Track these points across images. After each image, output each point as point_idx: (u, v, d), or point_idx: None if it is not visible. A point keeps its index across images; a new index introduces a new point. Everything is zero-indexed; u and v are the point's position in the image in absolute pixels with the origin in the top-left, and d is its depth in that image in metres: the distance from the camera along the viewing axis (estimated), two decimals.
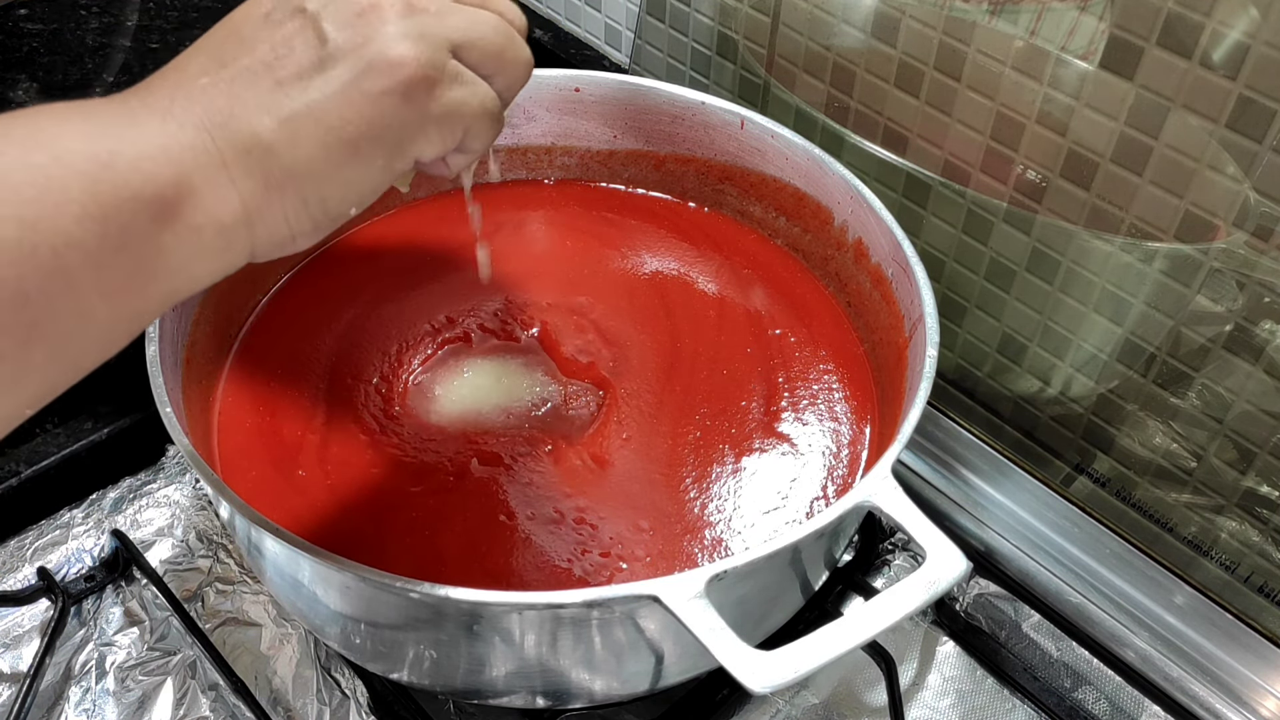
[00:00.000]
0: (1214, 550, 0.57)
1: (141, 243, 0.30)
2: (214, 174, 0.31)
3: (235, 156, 0.32)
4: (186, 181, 0.31)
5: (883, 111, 0.63)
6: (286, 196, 0.33)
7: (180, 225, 0.31)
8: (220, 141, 0.32)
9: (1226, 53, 0.47)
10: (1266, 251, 0.50)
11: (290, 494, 0.49)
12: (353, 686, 0.53)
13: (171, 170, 0.30)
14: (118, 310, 0.30)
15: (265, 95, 0.33)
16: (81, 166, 0.29)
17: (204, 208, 0.31)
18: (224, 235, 0.32)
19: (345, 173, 0.34)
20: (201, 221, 0.31)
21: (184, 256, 0.31)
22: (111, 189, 0.29)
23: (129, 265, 0.30)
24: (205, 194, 0.31)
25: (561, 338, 0.56)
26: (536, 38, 0.89)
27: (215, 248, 0.32)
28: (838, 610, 0.58)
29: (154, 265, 0.31)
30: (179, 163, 0.31)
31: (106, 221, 0.29)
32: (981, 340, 0.64)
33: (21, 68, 0.89)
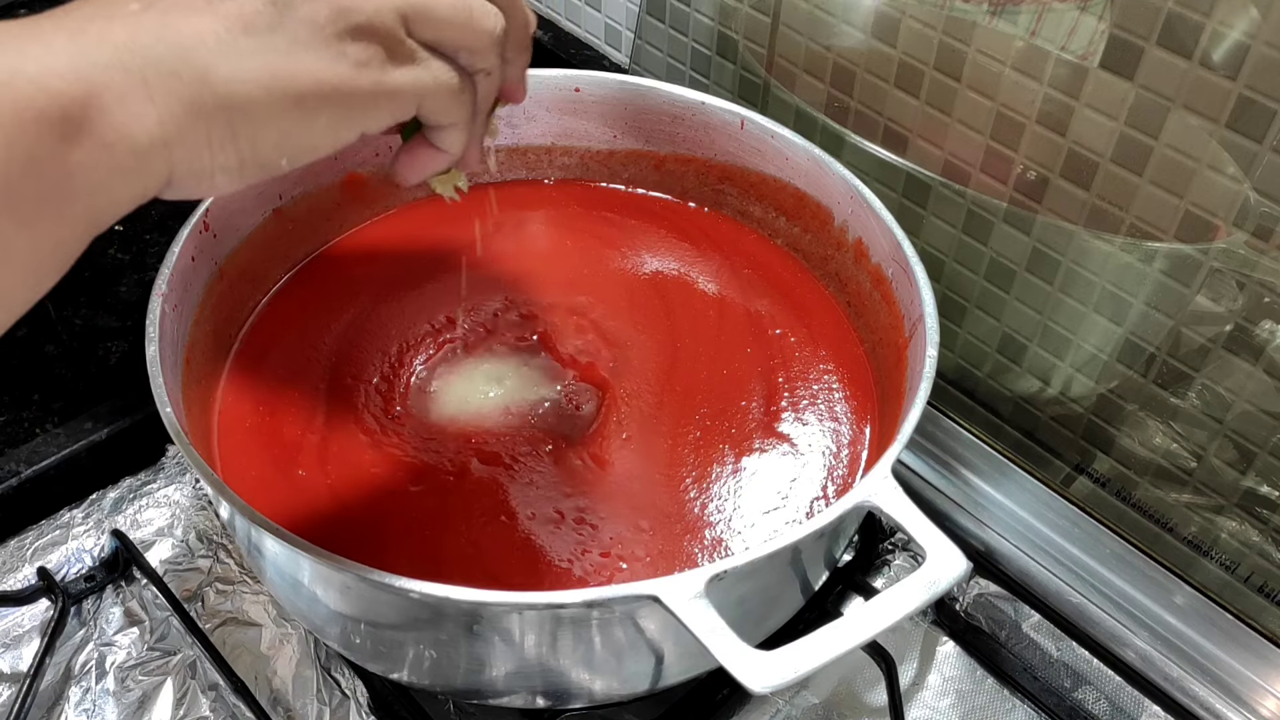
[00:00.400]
0: (1214, 550, 0.57)
1: (50, 163, 0.29)
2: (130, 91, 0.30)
3: (159, 77, 0.31)
4: (96, 98, 0.30)
5: (883, 111, 0.63)
6: (215, 124, 0.32)
7: (90, 143, 0.30)
8: (142, 61, 0.31)
9: (1226, 53, 0.47)
10: (1266, 251, 0.50)
11: (290, 494, 0.49)
12: (353, 686, 0.53)
13: (80, 87, 0.29)
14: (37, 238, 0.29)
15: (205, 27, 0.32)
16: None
17: (115, 125, 0.30)
18: (138, 154, 0.31)
19: (284, 121, 0.33)
20: (113, 139, 0.30)
21: (97, 177, 0.30)
22: (13, 108, 0.28)
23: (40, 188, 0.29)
24: (117, 111, 0.30)
25: (561, 338, 0.56)
26: (536, 38, 0.89)
27: (128, 167, 0.31)
28: (838, 610, 0.58)
29: (67, 187, 0.30)
30: (88, 80, 0.30)
31: (11, 144, 0.28)
32: (981, 340, 0.64)
33: None
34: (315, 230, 0.61)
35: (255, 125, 0.33)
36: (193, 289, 0.52)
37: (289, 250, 0.60)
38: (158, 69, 0.31)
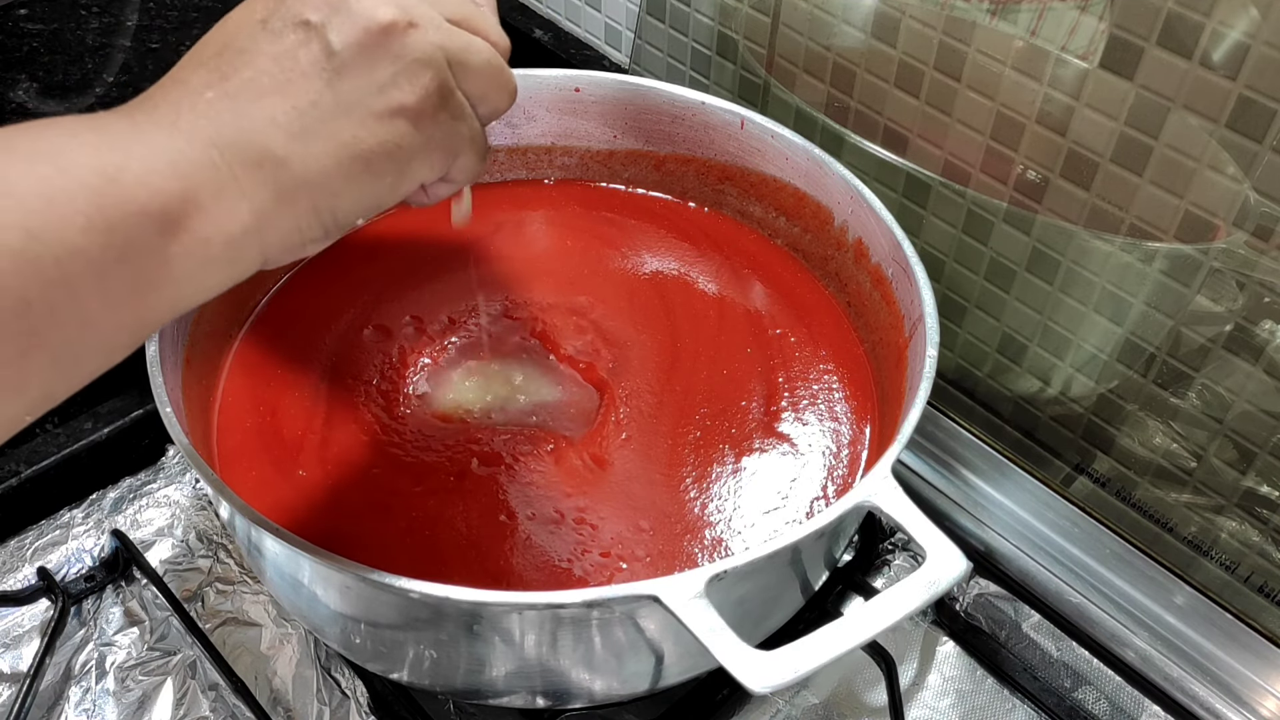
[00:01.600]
0: (1214, 550, 0.57)
1: (146, 254, 0.30)
2: (223, 187, 0.32)
3: (246, 170, 0.32)
4: (194, 196, 0.31)
5: (883, 111, 0.63)
6: (299, 206, 0.34)
7: (187, 238, 0.31)
8: (229, 155, 0.32)
9: (1226, 53, 0.47)
10: (1266, 251, 0.50)
11: (290, 494, 0.49)
12: (353, 686, 0.53)
13: (178, 184, 0.31)
14: (120, 319, 0.31)
15: (275, 110, 0.33)
16: (87, 179, 0.29)
17: (212, 220, 0.31)
18: (233, 246, 0.32)
19: (357, 186, 0.35)
20: (210, 234, 0.31)
21: (190, 267, 0.31)
22: (117, 202, 0.29)
23: (132, 276, 0.30)
24: (213, 208, 0.31)
25: (561, 338, 0.56)
26: (536, 38, 0.89)
27: (224, 259, 0.32)
28: (838, 610, 0.58)
29: (159, 276, 0.31)
30: (186, 177, 0.31)
31: (111, 233, 0.29)
32: (981, 340, 0.64)
33: (21, 68, 0.89)
34: None
35: (334, 197, 0.34)
36: None
37: None
38: (244, 161, 0.32)
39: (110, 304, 0.30)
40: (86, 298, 0.29)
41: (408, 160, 0.36)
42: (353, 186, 0.35)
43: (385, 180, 0.36)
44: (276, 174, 0.33)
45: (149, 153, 0.31)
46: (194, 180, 0.31)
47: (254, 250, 0.33)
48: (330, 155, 0.34)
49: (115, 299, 0.30)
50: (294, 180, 0.33)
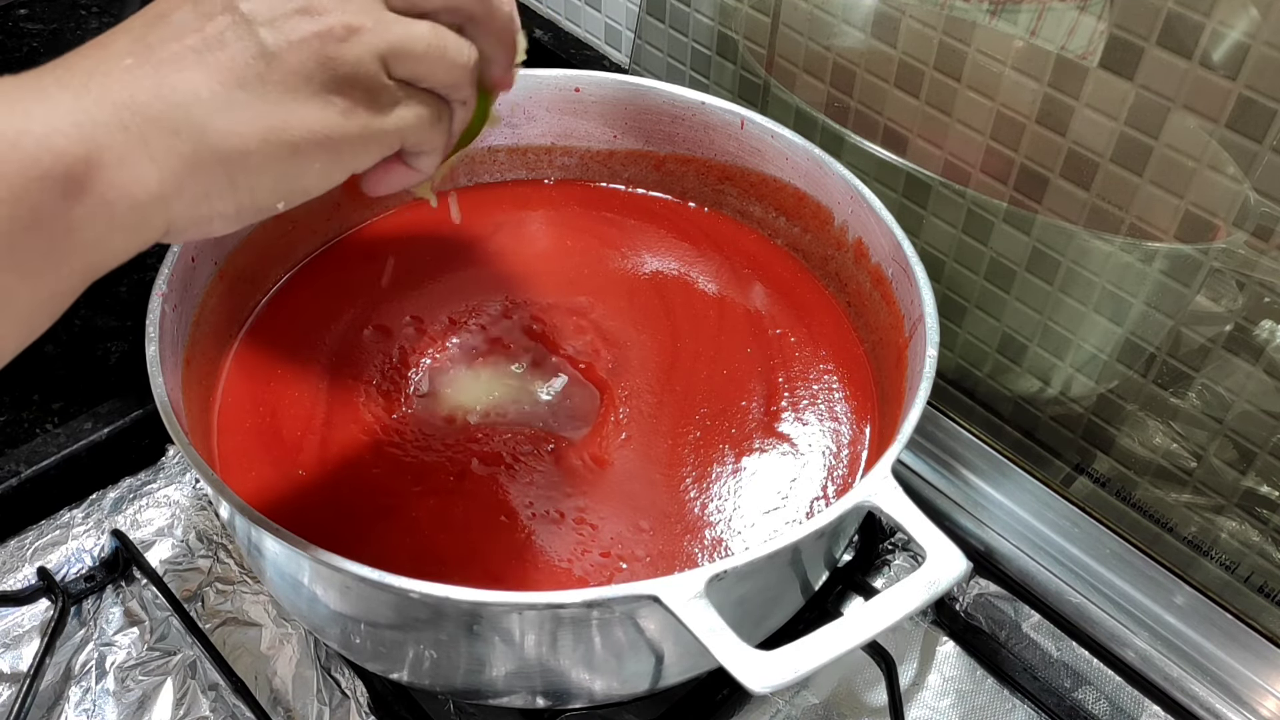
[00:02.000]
0: (1214, 550, 0.57)
1: (53, 220, 0.30)
2: (130, 150, 0.31)
3: (159, 135, 0.32)
4: (98, 156, 0.30)
5: (883, 111, 0.63)
6: (213, 177, 0.33)
7: (92, 200, 0.30)
8: (142, 119, 0.31)
9: (1226, 53, 0.47)
10: (1266, 251, 0.50)
11: (290, 494, 0.49)
12: (353, 686, 0.53)
13: (83, 146, 0.30)
14: (37, 290, 0.30)
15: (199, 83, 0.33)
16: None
17: (116, 182, 0.31)
18: (138, 210, 0.32)
19: (280, 169, 0.34)
20: (114, 196, 0.31)
21: (97, 232, 0.31)
22: (19, 167, 0.29)
23: (43, 243, 0.30)
24: (117, 169, 0.31)
25: (562, 338, 0.56)
26: (536, 38, 0.89)
27: (129, 223, 0.32)
28: (838, 610, 0.58)
29: (68, 242, 0.30)
30: (90, 139, 0.30)
31: (16, 202, 0.29)
32: (981, 340, 0.64)
33: (21, 68, 0.89)
34: (315, 230, 0.61)
35: (252, 175, 0.34)
36: (193, 289, 0.52)
37: (289, 250, 0.60)
38: (157, 127, 0.32)
39: (23, 275, 0.29)
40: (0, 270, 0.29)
41: (337, 150, 0.35)
42: (275, 168, 0.34)
43: (313, 166, 0.35)
44: (194, 143, 0.32)
45: (54, 113, 0.30)
46: (99, 141, 0.30)
47: (159, 217, 0.32)
48: (255, 135, 0.33)
49: (28, 269, 0.29)
50: (211, 151, 0.33)
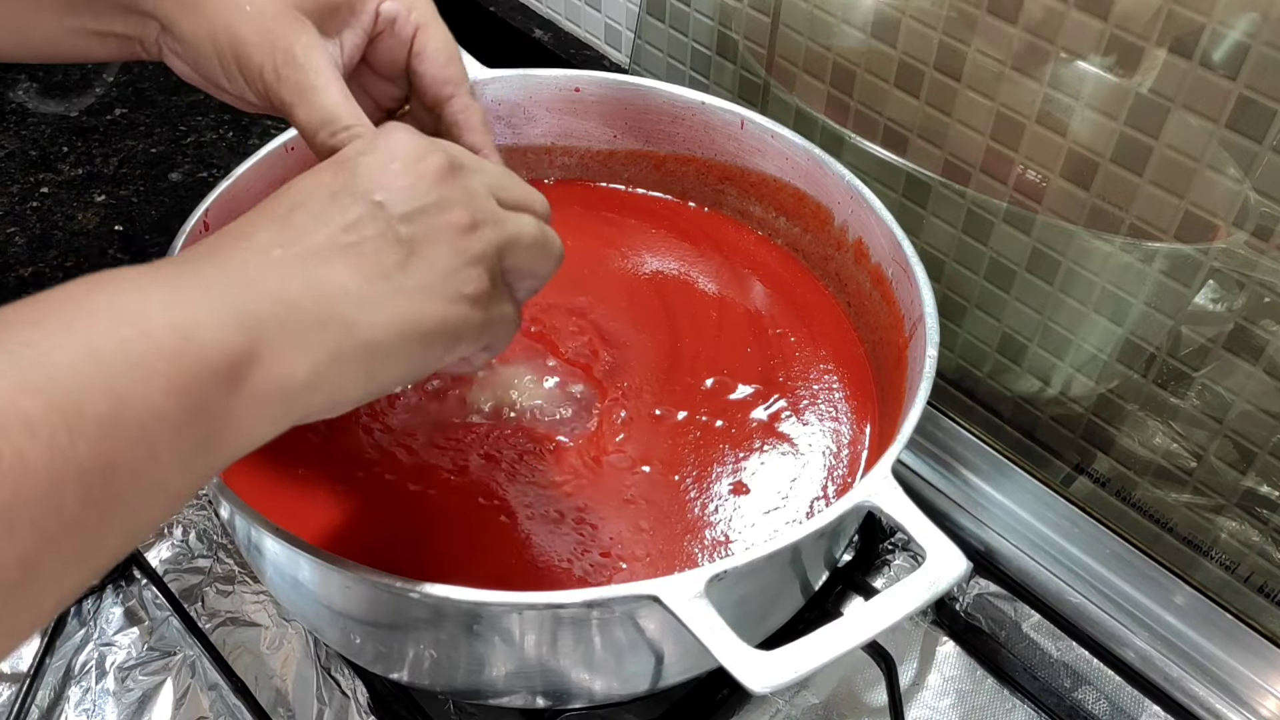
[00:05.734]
0: (1214, 550, 0.57)
1: (216, 410, 0.30)
2: (286, 345, 0.32)
3: (310, 329, 0.33)
4: (259, 352, 0.31)
5: (883, 111, 0.63)
6: (351, 368, 0.34)
7: (249, 393, 0.31)
8: (296, 313, 0.32)
9: (1226, 53, 0.47)
10: (1266, 251, 0.50)
11: (290, 494, 0.49)
12: (353, 686, 0.53)
13: (247, 341, 0.31)
14: (188, 475, 0.31)
15: (344, 278, 0.34)
16: (166, 340, 0.29)
17: (273, 376, 0.32)
18: (287, 402, 0.33)
19: (409, 357, 0.36)
20: (268, 390, 0.32)
21: (249, 422, 0.32)
22: (194, 362, 0.29)
23: (203, 433, 0.30)
24: (275, 363, 0.32)
25: (562, 338, 0.56)
26: (536, 38, 0.89)
27: (276, 414, 0.33)
28: (838, 610, 0.58)
29: (224, 430, 0.31)
30: (253, 334, 0.31)
31: (189, 394, 0.29)
32: (981, 340, 0.64)
33: (21, 67, 0.89)
34: None
35: (386, 365, 0.35)
36: None
37: None
38: (308, 321, 0.33)
39: (181, 462, 0.30)
40: (163, 458, 0.29)
41: (458, 338, 0.37)
42: (406, 357, 0.36)
43: (435, 353, 0.37)
44: (340, 337, 0.33)
45: (219, 309, 0.31)
46: (260, 335, 0.31)
47: (301, 407, 0.33)
48: (394, 328, 0.35)
49: (186, 457, 0.30)
50: (354, 345, 0.34)
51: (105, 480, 0.27)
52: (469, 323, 0.37)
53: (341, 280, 0.34)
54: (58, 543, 0.27)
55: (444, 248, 0.36)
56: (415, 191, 0.36)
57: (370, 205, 0.35)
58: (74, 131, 0.84)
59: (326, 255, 0.34)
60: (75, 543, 0.27)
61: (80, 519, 0.27)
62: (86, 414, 0.27)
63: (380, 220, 0.35)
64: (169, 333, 0.29)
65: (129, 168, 0.81)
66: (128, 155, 0.82)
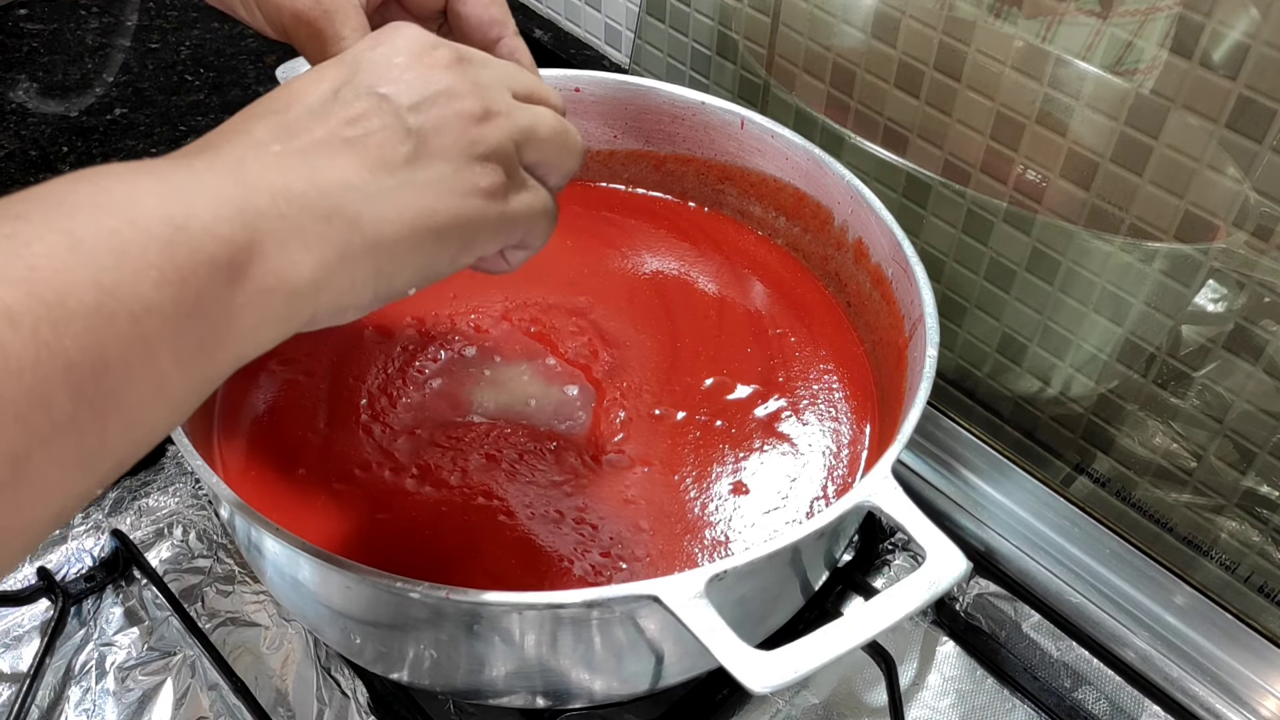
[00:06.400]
0: (1214, 550, 0.57)
1: (215, 306, 0.29)
2: (289, 238, 0.31)
3: (315, 224, 0.31)
4: (260, 245, 0.30)
5: (883, 111, 0.63)
6: (360, 267, 0.33)
7: (252, 288, 0.30)
8: (299, 208, 0.31)
9: (1226, 53, 0.47)
10: (1266, 251, 0.50)
11: (290, 494, 0.49)
12: (353, 686, 0.53)
13: (246, 233, 0.30)
14: (190, 376, 0.30)
15: (348, 170, 0.33)
16: (156, 229, 0.28)
17: (276, 271, 0.31)
18: (292, 299, 0.31)
19: (421, 256, 0.34)
20: (273, 284, 0.31)
21: (253, 320, 0.31)
22: (188, 252, 0.28)
23: (203, 330, 0.29)
24: (277, 258, 0.31)
25: (562, 338, 0.56)
26: (536, 38, 0.89)
27: (281, 312, 0.31)
28: (838, 610, 0.58)
29: (226, 329, 0.30)
30: (253, 226, 0.30)
31: (184, 285, 0.28)
32: (981, 340, 0.64)
33: (21, 68, 0.89)
34: None
35: (396, 263, 0.34)
36: None
37: None
38: (312, 215, 0.31)
39: (181, 360, 0.29)
40: (161, 355, 0.28)
41: (474, 235, 0.36)
42: (418, 255, 0.34)
43: (449, 252, 0.35)
44: (347, 232, 0.32)
45: (215, 200, 0.30)
46: (261, 229, 0.30)
47: (307, 307, 0.32)
48: (404, 222, 0.33)
49: (186, 354, 0.29)
50: (363, 240, 0.33)
51: (97, 376, 0.26)
52: (486, 217, 0.35)
53: (346, 174, 0.32)
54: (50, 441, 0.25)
55: (455, 138, 0.34)
56: (423, 82, 0.34)
57: (375, 98, 0.34)
58: (74, 131, 0.84)
59: (330, 149, 0.33)
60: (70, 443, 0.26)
61: (73, 417, 0.26)
62: (70, 306, 0.25)
63: (386, 112, 0.34)
64: (160, 222, 0.28)
65: None
66: (128, 155, 0.82)
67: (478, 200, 0.35)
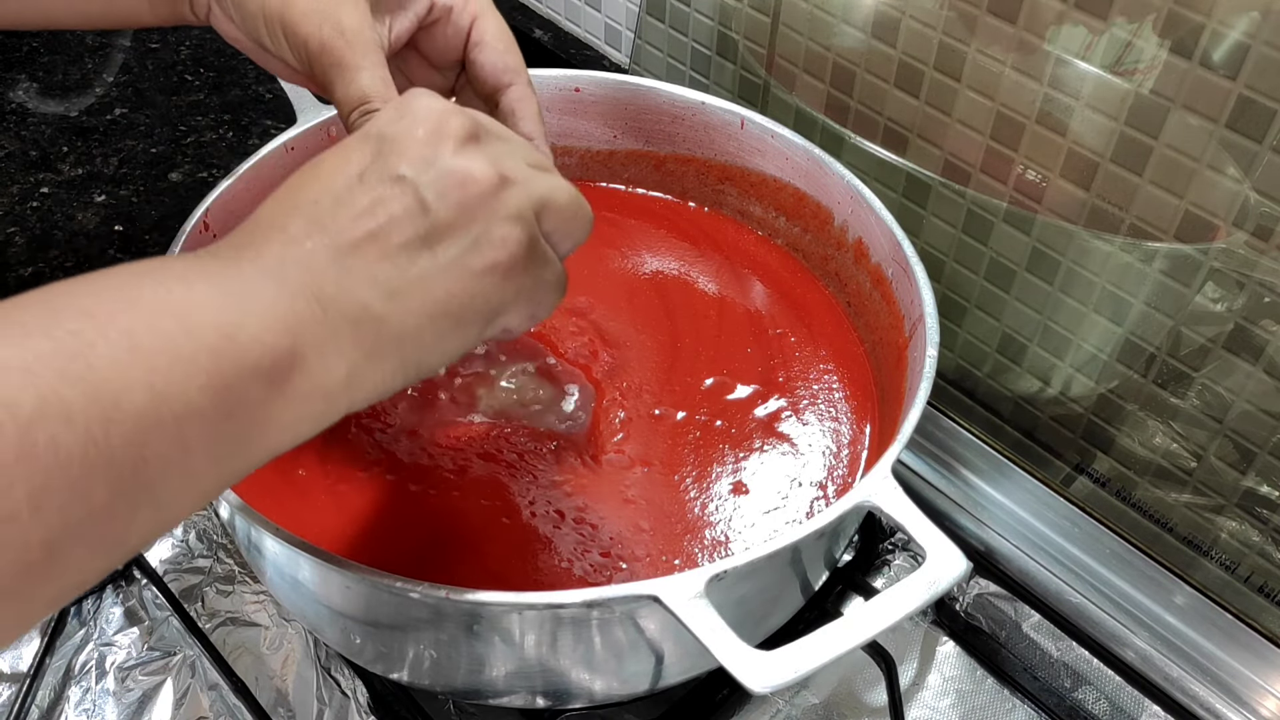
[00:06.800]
0: (1214, 550, 0.57)
1: (254, 410, 0.30)
2: (324, 344, 0.32)
3: (346, 327, 0.32)
4: (300, 351, 0.31)
5: (883, 111, 0.63)
6: (388, 362, 0.34)
7: (290, 392, 0.31)
8: (331, 312, 0.32)
9: (1226, 53, 0.47)
10: (1266, 251, 0.50)
11: (290, 494, 0.49)
12: (353, 686, 0.53)
13: (288, 340, 0.31)
14: (221, 471, 0.31)
15: (373, 265, 0.33)
16: (208, 338, 0.29)
17: (312, 376, 0.32)
18: (329, 400, 0.32)
19: (445, 341, 0.35)
20: (309, 389, 0.32)
21: (288, 421, 0.32)
22: (234, 362, 0.29)
23: (240, 431, 0.30)
24: (314, 363, 0.32)
25: (562, 338, 0.56)
26: (536, 38, 0.89)
27: (318, 413, 0.33)
28: (838, 610, 0.58)
29: (260, 430, 0.31)
30: (294, 333, 0.31)
31: (228, 392, 0.29)
32: (981, 340, 0.64)
33: (21, 68, 0.89)
34: None
35: (422, 352, 0.35)
36: None
37: None
38: (344, 318, 0.32)
39: (215, 459, 0.30)
40: (197, 454, 0.29)
41: (495, 313, 0.36)
42: (441, 342, 0.35)
43: (471, 332, 0.36)
44: (373, 331, 0.33)
45: (262, 309, 0.31)
46: (301, 336, 0.31)
47: (343, 403, 0.33)
48: (424, 313, 0.34)
49: (221, 454, 0.30)
50: (388, 338, 0.33)
51: (136, 472, 0.27)
52: (502, 295, 0.36)
53: (370, 269, 0.33)
54: (83, 528, 0.26)
55: (473, 211, 0.35)
56: (439, 157, 0.35)
57: (394, 181, 0.34)
58: (74, 131, 0.84)
59: (356, 242, 0.33)
60: (101, 530, 0.27)
61: (108, 507, 0.27)
62: (124, 407, 0.27)
63: (406, 195, 0.34)
64: (213, 332, 0.29)
65: (129, 168, 0.81)
66: (128, 155, 0.82)
67: (494, 279, 0.35)
